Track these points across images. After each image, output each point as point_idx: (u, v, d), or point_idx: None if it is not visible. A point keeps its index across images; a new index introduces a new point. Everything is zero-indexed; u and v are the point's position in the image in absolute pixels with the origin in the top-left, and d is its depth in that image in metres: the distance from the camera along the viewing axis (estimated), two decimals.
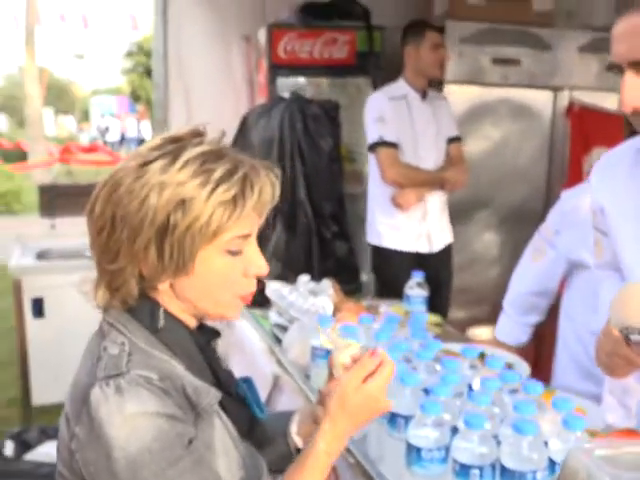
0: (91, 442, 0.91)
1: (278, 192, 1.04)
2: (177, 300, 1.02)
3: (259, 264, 1.03)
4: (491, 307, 3.82)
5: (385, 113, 3.00)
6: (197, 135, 1.02)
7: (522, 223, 3.91)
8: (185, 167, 0.95)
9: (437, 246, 3.15)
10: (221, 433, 1.01)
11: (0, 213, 11.02)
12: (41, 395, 3.44)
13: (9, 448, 2.62)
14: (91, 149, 16.85)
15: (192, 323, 1.06)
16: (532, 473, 1.08)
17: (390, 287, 2.82)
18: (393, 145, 2.99)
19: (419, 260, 3.06)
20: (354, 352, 1.08)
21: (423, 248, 3.10)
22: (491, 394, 1.23)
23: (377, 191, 3.12)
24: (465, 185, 3.20)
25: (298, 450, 1.16)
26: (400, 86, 3.10)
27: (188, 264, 0.97)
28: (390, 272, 3.05)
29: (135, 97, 29.97)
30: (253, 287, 1.04)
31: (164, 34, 3.79)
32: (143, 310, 1.01)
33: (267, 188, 1.00)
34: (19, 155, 18.44)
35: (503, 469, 1.10)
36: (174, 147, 0.98)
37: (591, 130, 3.72)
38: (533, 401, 1.18)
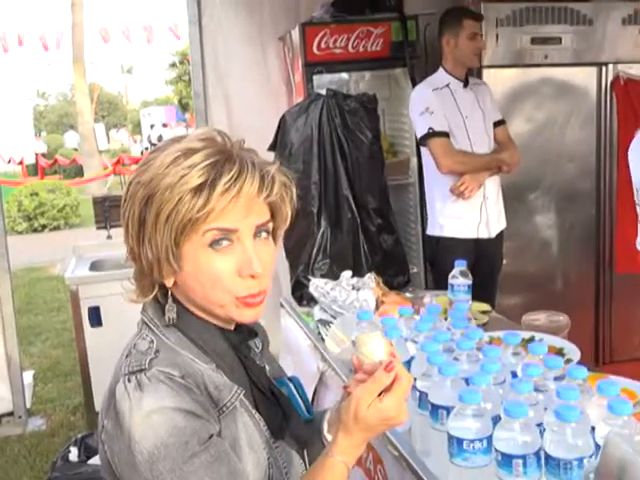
0: (116, 434, 0.94)
1: (275, 187, 0.99)
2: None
3: (250, 263, 0.98)
4: (544, 292, 3.73)
5: (431, 104, 2.99)
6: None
7: (574, 203, 3.80)
8: (162, 164, 0.97)
9: (494, 231, 3.12)
10: (249, 430, 1.01)
11: (59, 228, 11.40)
12: None
13: (74, 453, 2.71)
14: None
15: (224, 323, 1.05)
16: (578, 460, 1.05)
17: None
18: (444, 134, 2.97)
19: (478, 247, 3.04)
20: (377, 343, 1.05)
21: (483, 234, 3.08)
22: (532, 381, 1.20)
23: (435, 183, 3.10)
24: (519, 165, 3.15)
25: None
26: (441, 76, 3.08)
27: (168, 258, 0.97)
28: (450, 261, 3.02)
29: (183, 106, 30.45)
30: (250, 288, 1.00)
31: (200, 42, 3.83)
32: (163, 306, 1.03)
33: (251, 181, 0.96)
34: (77, 170, 19.03)
35: (548, 457, 1.07)
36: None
37: None
38: (576, 386, 1.15)
